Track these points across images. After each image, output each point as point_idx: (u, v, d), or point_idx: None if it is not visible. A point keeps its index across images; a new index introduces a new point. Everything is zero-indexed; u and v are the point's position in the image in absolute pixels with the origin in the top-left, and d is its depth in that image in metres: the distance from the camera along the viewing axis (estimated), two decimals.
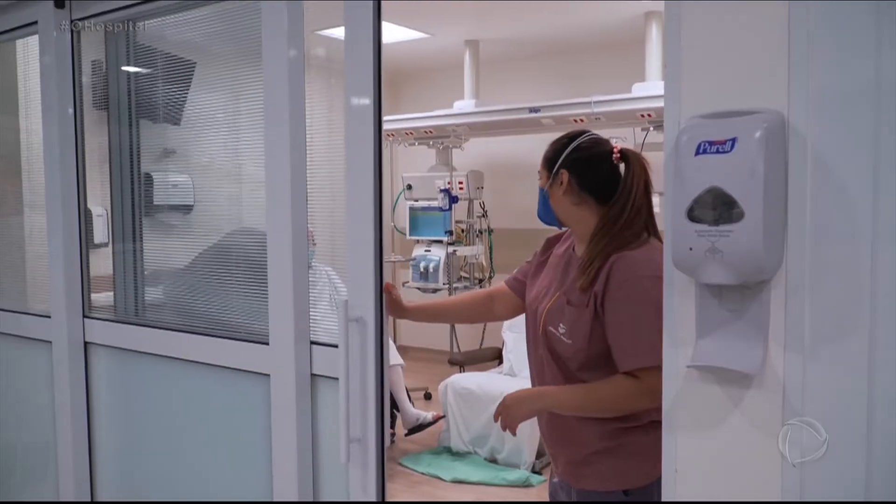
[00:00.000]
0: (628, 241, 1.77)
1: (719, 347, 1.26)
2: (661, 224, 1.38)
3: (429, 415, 4.52)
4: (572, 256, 1.90)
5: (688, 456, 1.34)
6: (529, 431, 4.14)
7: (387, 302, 1.92)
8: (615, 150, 1.85)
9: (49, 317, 2.63)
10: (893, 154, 1.12)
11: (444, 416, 4.54)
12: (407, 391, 4.63)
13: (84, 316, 2.60)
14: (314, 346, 2.02)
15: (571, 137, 1.89)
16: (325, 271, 4.77)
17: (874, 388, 1.15)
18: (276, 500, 2.06)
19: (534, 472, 4.16)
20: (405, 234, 6.29)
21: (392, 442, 4.38)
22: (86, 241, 2.60)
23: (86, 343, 2.60)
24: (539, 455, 4.24)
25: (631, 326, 1.70)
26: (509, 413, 1.78)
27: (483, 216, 6.06)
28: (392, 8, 5.09)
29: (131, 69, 2.62)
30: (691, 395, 1.32)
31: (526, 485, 4.05)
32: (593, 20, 5.39)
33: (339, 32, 6.36)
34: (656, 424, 1.68)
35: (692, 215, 1.21)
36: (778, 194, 1.18)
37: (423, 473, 4.25)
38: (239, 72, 2.33)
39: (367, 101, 1.89)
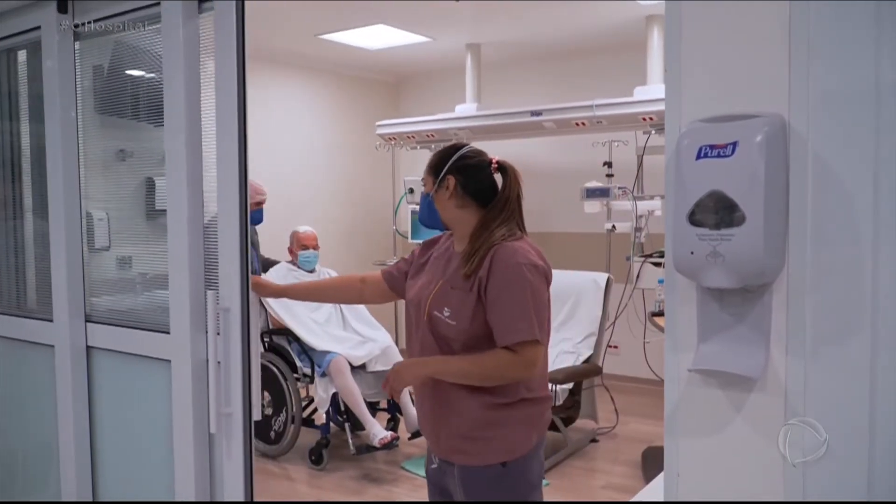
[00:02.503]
0: (506, 236, 1.99)
1: (721, 351, 1.26)
2: (662, 228, 1.38)
3: None
4: (453, 253, 2.10)
5: (690, 459, 1.34)
6: None
7: (260, 286, 2.26)
8: (493, 161, 2.09)
9: (51, 320, 2.64)
10: (894, 157, 1.12)
11: None
12: (410, 395, 4.62)
13: (86, 320, 2.60)
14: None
15: (456, 147, 2.11)
16: (328, 273, 4.79)
17: (876, 391, 1.15)
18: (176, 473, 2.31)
19: None
20: (407, 238, 6.30)
21: (395, 445, 4.37)
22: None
23: (88, 347, 2.60)
24: None
25: (509, 306, 1.91)
26: (398, 377, 1.97)
27: None
28: (393, 12, 5.10)
29: (133, 72, 2.63)
30: (693, 398, 1.32)
31: None
32: (595, 23, 5.39)
33: (341, 37, 6.35)
34: (527, 402, 2.02)
35: (693, 219, 1.21)
36: (779, 198, 1.18)
37: (424, 477, 4.24)
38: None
39: (231, 97, 2.10)
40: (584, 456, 4.60)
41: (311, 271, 4.77)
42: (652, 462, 4.22)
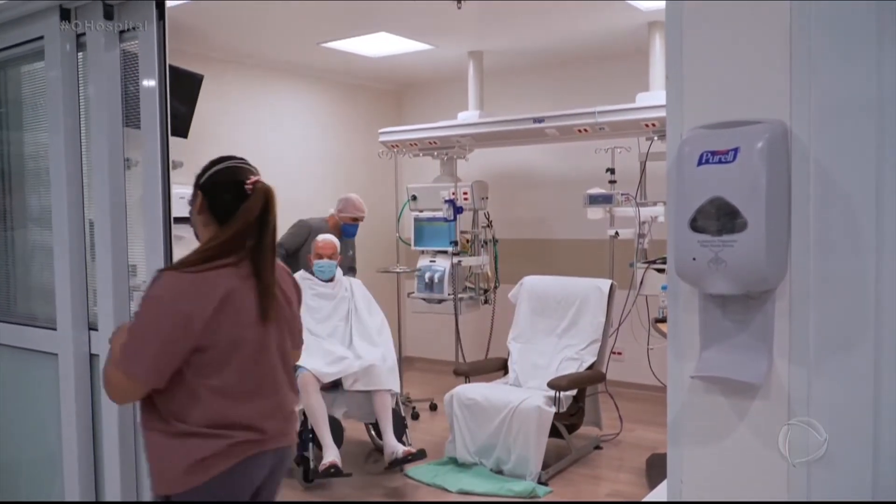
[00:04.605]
0: (192, 261, 1.84)
1: (724, 358, 1.26)
2: (665, 234, 1.38)
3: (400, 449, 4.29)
4: None
5: (693, 466, 1.34)
6: (536, 442, 4.13)
7: None
8: (249, 182, 1.91)
9: (55, 329, 2.64)
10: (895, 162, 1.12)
11: (416, 453, 4.31)
12: (399, 415, 4.46)
13: (90, 328, 2.60)
14: None
15: (214, 162, 1.98)
16: (349, 280, 4.68)
17: (880, 399, 1.14)
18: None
19: (540, 482, 4.13)
20: (410, 245, 6.29)
21: (338, 474, 4.11)
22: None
23: (91, 355, 2.60)
24: (545, 466, 4.22)
25: (129, 334, 1.79)
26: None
27: (488, 226, 6.06)
28: (395, 20, 5.11)
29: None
30: (696, 405, 1.32)
31: (532, 496, 4.03)
32: (597, 30, 5.40)
33: (343, 45, 6.37)
34: (186, 436, 1.80)
35: (695, 225, 1.21)
36: (781, 204, 1.18)
37: (428, 485, 4.23)
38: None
39: (153, 113, 2.36)
40: (588, 463, 4.59)
41: (329, 280, 4.56)
42: (656, 469, 4.21)
